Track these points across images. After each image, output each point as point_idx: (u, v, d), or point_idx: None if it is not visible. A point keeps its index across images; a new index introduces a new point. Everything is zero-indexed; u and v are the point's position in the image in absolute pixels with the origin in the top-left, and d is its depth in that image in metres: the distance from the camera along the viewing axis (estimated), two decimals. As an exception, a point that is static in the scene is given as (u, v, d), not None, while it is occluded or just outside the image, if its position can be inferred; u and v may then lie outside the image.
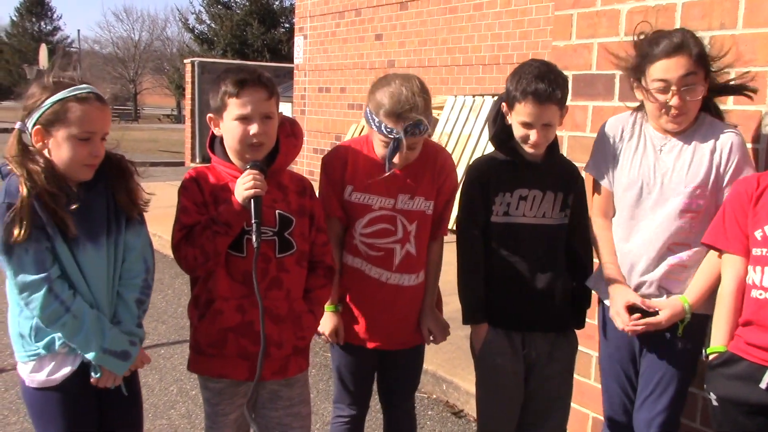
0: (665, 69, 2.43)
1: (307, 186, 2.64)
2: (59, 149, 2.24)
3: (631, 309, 2.55)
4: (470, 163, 2.94)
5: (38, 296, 2.17)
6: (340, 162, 2.76)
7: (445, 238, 2.90)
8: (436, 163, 2.77)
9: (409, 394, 3.02)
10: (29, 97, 2.27)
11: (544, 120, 2.57)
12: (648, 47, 2.50)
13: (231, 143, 2.48)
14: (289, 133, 2.60)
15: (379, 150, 2.66)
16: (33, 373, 2.32)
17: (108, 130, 2.32)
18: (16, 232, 2.14)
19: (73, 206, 2.23)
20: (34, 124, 2.24)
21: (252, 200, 2.33)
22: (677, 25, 2.93)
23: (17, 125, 2.28)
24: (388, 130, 2.58)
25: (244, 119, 2.42)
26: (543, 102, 2.54)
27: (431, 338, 2.87)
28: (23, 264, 2.17)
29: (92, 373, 2.35)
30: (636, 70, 2.54)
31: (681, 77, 2.41)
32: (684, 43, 2.42)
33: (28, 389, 2.36)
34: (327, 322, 2.79)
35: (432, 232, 2.82)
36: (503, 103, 2.69)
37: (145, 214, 2.49)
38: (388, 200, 2.72)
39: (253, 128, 2.42)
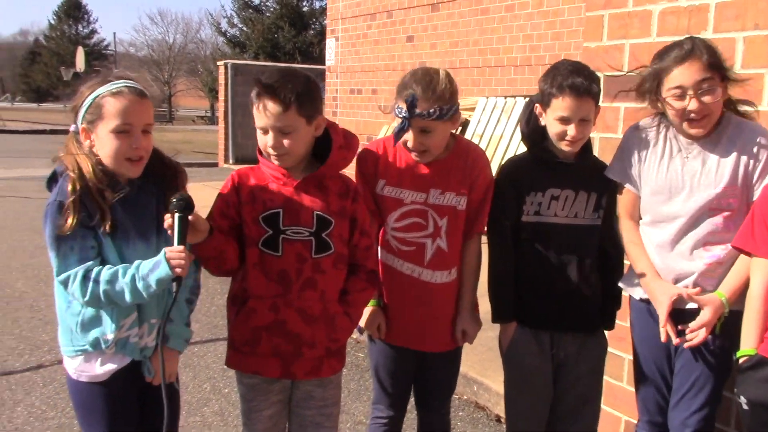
0: (679, 76, 2.43)
1: (351, 188, 2.62)
2: (102, 145, 2.28)
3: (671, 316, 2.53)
4: (502, 163, 2.95)
5: (76, 286, 2.22)
6: (373, 157, 2.78)
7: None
8: (467, 158, 2.77)
9: (444, 398, 3.00)
10: (76, 97, 2.33)
11: (582, 114, 2.58)
12: (659, 60, 2.50)
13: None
14: (342, 145, 2.58)
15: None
16: (80, 367, 2.38)
17: (149, 121, 2.32)
18: (67, 222, 2.18)
19: (119, 195, 2.26)
20: (81, 123, 2.30)
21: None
22: (710, 27, 2.92)
23: (72, 128, 2.33)
24: (399, 109, 2.62)
25: (262, 130, 2.44)
26: (581, 95, 2.55)
27: (463, 339, 2.86)
28: (68, 261, 2.23)
29: (146, 373, 2.41)
30: (651, 85, 2.53)
31: (696, 82, 2.41)
32: (694, 49, 2.42)
33: (74, 382, 2.41)
34: (369, 317, 2.80)
35: (467, 229, 2.79)
36: (536, 104, 2.70)
37: None
38: (420, 194, 2.72)
39: (269, 140, 2.43)
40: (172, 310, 2.42)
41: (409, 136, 2.65)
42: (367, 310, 2.78)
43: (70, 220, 2.18)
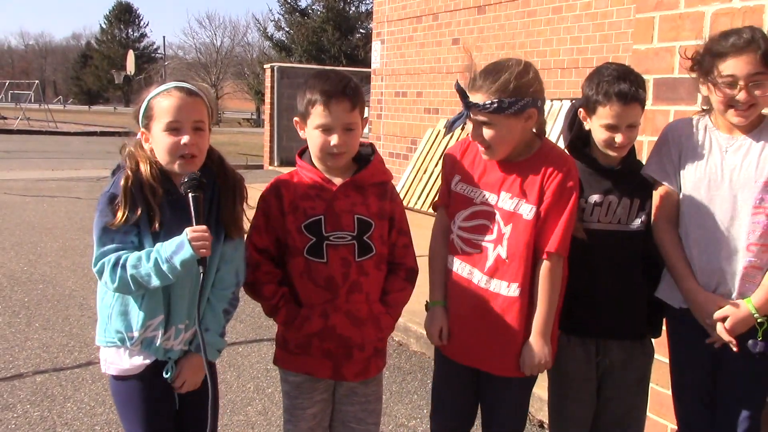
0: (733, 66, 2.39)
1: (389, 189, 2.64)
2: (156, 144, 2.33)
3: None
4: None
5: (107, 273, 2.25)
6: (454, 151, 2.73)
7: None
8: (545, 164, 2.52)
9: (509, 429, 2.74)
10: (135, 105, 2.41)
11: (629, 120, 2.54)
12: (717, 44, 2.45)
13: (313, 150, 2.53)
14: (381, 161, 2.66)
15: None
16: (109, 359, 2.43)
17: (200, 118, 2.34)
18: (116, 216, 2.24)
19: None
20: (140, 128, 2.36)
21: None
22: (765, 28, 2.85)
23: (138, 136, 2.40)
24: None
25: (326, 129, 2.46)
26: (628, 102, 2.51)
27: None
28: (105, 251, 2.27)
29: (164, 373, 2.43)
30: (704, 66, 2.49)
31: (749, 75, 2.37)
32: (753, 39, 2.38)
33: (113, 378, 2.46)
34: (432, 319, 2.70)
35: (538, 245, 2.52)
36: (580, 109, 2.67)
37: None
38: (491, 195, 2.57)
39: (334, 139, 2.45)
40: (210, 320, 2.45)
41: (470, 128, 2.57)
42: (431, 310, 2.71)
43: (119, 214, 2.24)
